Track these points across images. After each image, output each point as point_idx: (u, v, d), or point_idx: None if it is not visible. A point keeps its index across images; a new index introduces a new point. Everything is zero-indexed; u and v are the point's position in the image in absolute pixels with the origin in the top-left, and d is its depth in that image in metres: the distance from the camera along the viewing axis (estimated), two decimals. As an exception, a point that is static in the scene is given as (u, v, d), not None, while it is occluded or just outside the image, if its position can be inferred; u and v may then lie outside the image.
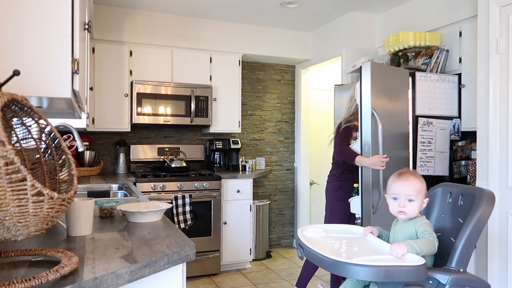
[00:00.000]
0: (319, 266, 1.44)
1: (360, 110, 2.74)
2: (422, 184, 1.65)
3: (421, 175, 1.69)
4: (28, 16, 1.26)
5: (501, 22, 2.48)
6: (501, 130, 2.49)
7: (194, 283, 3.67)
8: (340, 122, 2.99)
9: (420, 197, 1.63)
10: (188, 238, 1.29)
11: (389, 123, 2.84)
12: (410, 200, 1.63)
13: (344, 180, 2.97)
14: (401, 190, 1.64)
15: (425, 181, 1.68)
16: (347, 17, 4.03)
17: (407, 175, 1.66)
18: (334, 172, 3.04)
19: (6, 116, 1.00)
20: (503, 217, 2.46)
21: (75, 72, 1.34)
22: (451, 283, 1.43)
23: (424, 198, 1.64)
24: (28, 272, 0.96)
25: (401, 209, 1.63)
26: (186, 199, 3.62)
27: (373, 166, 2.68)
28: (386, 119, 2.80)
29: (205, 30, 4.19)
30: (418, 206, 1.63)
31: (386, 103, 2.86)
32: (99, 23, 3.74)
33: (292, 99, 4.96)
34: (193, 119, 3.98)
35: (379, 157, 2.65)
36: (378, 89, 2.78)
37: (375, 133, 2.71)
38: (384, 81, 2.87)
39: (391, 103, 2.91)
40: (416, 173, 1.68)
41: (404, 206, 1.63)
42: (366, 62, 2.78)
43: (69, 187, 1.04)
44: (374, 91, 2.74)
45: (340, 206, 2.95)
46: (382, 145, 2.70)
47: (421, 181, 1.65)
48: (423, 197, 1.64)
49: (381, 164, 2.65)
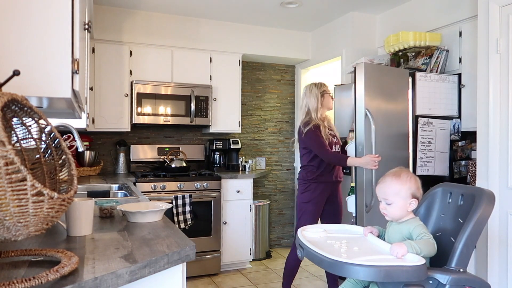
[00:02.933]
0: (319, 266, 1.44)
1: (355, 111, 2.79)
2: (401, 185, 1.59)
3: (412, 174, 1.65)
4: (28, 16, 1.26)
5: (501, 22, 2.48)
6: (501, 130, 2.49)
7: (194, 283, 3.66)
8: (299, 126, 3.02)
9: (399, 199, 1.59)
10: (188, 238, 1.29)
11: (386, 123, 2.87)
12: (387, 203, 1.62)
13: (309, 182, 2.97)
14: (379, 193, 1.65)
15: (425, 181, 1.67)
16: (347, 17, 4.03)
17: (387, 177, 1.64)
18: (300, 175, 3.06)
19: (6, 116, 1.00)
20: (503, 217, 2.46)
21: (75, 72, 1.34)
22: (451, 283, 1.43)
23: (409, 198, 1.60)
24: (28, 272, 0.96)
25: (383, 211, 1.66)
26: (186, 199, 3.62)
27: (365, 166, 2.71)
28: (382, 120, 2.84)
29: (205, 30, 4.18)
30: (399, 208, 1.60)
31: (382, 104, 2.89)
32: (99, 23, 3.74)
33: (292, 99, 4.96)
34: (193, 119, 3.98)
35: (371, 157, 2.68)
36: (372, 90, 2.82)
37: (368, 133, 2.76)
38: (380, 82, 2.90)
39: (388, 104, 2.93)
40: (401, 174, 1.62)
41: (385, 208, 1.64)
42: (360, 63, 2.82)
43: (69, 187, 1.04)
44: (369, 92, 2.79)
45: (306, 208, 2.96)
46: (375, 145, 2.73)
47: (401, 183, 1.60)
48: (407, 198, 1.59)
49: (373, 164, 2.68)
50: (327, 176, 2.97)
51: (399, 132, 2.98)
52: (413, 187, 1.62)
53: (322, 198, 2.98)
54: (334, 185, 3.03)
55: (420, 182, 1.67)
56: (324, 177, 2.96)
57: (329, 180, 2.97)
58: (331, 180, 2.99)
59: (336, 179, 3.02)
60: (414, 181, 1.63)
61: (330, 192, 3.01)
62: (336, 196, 3.06)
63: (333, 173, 2.99)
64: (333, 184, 3.02)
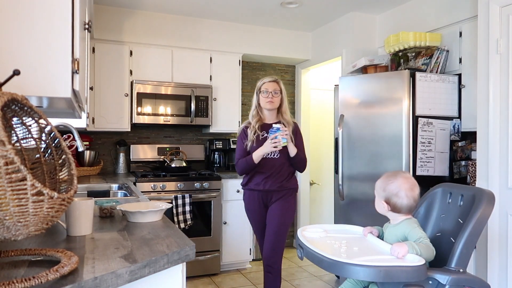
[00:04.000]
0: (319, 266, 1.44)
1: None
2: (380, 185, 1.67)
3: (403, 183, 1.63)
4: (29, 15, 1.26)
5: (501, 22, 2.48)
6: (501, 130, 2.49)
7: (194, 283, 3.66)
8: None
9: (377, 196, 1.69)
10: (188, 238, 1.29)
11: (381, 125, 3.14)
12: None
13: (244, 189, 2.81)
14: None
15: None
16: (347, 17, 4.03)
17: (385, 173, 1.74)
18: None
19: (6, 116, 1.00)
20: (503, 217, 2.46)
21: (75, 71, 1.34)
22: (451, 283, 1.43)
23: (381, 199, 1.66)
24: (28, 271, 0.96)
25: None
26: (186, 199, 3.62)
27: (268, 149, 2.56)
28: (364, 122, 3.24)
29: (205, 30, 4.18)
30: (376, 204, 1.69)
31: (364, 109, 3.24)
32: (99, 23, 3.74)
33: (292, 99, 4.96)
34: (193, 119, 3.98)
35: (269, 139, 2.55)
36: (352, 97, 3.30)
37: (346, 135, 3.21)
38: (364, 89, 3.25)
39: (374, 108, 3.19)
40: (390, 176, 1.68)
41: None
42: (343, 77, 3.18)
43: (69, 187, 1.04)
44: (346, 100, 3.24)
45: (248, 216, 2.82)
46: (342, 144, 3.28)
47: (381, 182, 1.67)
48: (381, 198, 1.66)
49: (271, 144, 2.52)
50: (254, 184, 2.69)
51: (396, 132, 2.98)
52: (388, 192, 1.63)
53: (255, 207, 2.72)
54: (268, 194, 2.68)
55: (408, 192, 1.62)
56: (252, 184, 2.70)
57: (258, 188, 2.68)
58: (261, 189, 2.67)
59: (267, 188, 2.66)
60: (394, 187, 1.62)
61: (265, 200, 2.70)
62: (275, 208, 2.67)
63: (262, 181, 2.66)
64: (267, 194, 2.68)
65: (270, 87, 2.71)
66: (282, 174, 2.67)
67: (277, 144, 2.51)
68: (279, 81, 2.77)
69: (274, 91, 2.71)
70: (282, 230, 2.65)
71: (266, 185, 2.66)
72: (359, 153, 3.26)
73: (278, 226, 2.64)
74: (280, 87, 2.75)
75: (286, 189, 2.69)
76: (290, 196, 2.71)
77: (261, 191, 2.67)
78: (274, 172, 2.66)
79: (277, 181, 2.66)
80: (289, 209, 2.69)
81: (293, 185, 2.73)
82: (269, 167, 2.66)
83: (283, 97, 2.75)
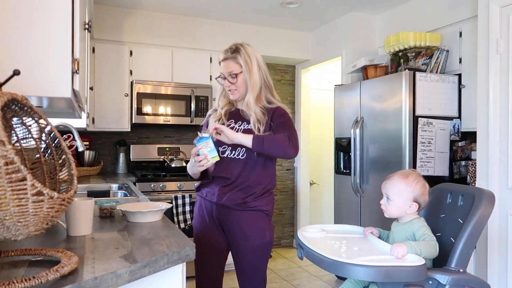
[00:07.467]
0: (319, 266, 1.44)
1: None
2: (405, 186, 1.61)
3: (421, 180, 1.64)
4: (28, 15, 1.26)
5: (501, 22, 2.48)
6: (501, 130, 2.49)
7: (194, 283, 3.66)
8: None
9: (400, 199, 1.62)
10: (188, 238, 1.29)
11: (382, 125, 3.09)
12: (388, 198, 1.65)
13: (197, 196, 2.00)
14: (383, 188, 1.68)
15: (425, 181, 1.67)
16: (347, 17, 4.03)
17: (395, 175, 1.67)
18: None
19: (6, 116, 1.00)
20: (503, 217, 2.46)
21: (75, 71, 1.34)
22: (451, 284, 1.43)
23: (410, 201, 1.61)
24: (28, 271, 0.96)
25: (382, 206, 1.68)
26: (186, 199, 3.62)
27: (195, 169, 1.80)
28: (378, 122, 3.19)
29: (205, 30, 4.18)
30: (398, 207, 1.63)
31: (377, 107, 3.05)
32: (99, 23, 3.74)
33: (292, 99, 4.96)
34: (193, 119, 3.98)
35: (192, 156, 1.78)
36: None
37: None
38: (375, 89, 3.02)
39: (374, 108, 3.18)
40: (409, 175, 1.64)
41: (384, 204, 1.67)
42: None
43: (69, 187, 1.04)
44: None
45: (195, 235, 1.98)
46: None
47: (406, 184, 1.61)
48: (407, 200, 1.61)
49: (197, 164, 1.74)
50: (207, 191, 1.90)
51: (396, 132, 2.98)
52: (417, 192, 1.62)
53: (204, 224, 1.89)
54: (223, 211, 1.83)
55: (428, 188, 1.66)
56: (205, 191, 1.91)
57: (211, 199, 1.86)
58: (214, 201, 1.85)
59: (223, 202, 1.81)
60: (420, 186, 1.63)
61: (220, 219, 1.86)
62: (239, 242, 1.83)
63: (218, 190, 1.83)
64: (222, 210, 1.83)
65: (224, 68, 1.82)
66: (250, 185, 1.79)
67: (203, 163, 1.72)
68: (237, 54, 1.79)
69: (230, 75, 1.80)
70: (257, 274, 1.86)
71: (222, 197, 1.81)
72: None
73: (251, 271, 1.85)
74: (239, 62, 1.79)
75: (250, 210, 1.79)
76: (259, 219, 1.81)
77: (215, 203, 1.84)
78: (236, 180, 1.79)
79: (238, 195, 1.79)
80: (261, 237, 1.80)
81: (263, 206, 1.81)
82: (229, 170, 1.80)
83: (247, 76, 1.79)
